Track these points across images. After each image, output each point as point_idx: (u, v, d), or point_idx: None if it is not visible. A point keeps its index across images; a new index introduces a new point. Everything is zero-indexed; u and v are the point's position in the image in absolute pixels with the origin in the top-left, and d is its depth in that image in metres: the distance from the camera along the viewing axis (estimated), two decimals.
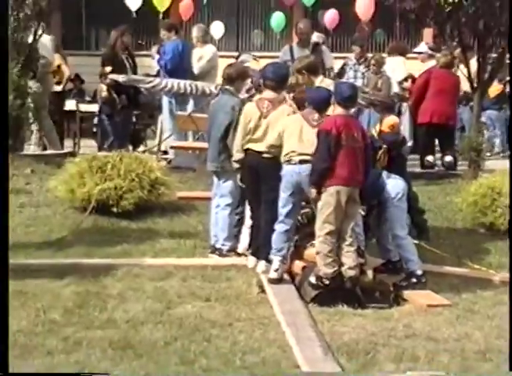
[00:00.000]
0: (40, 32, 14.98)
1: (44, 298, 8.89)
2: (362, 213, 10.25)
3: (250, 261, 10.17)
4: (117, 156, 12.37)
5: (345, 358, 7.60)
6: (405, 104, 18.48)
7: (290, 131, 9.57)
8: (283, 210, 9.59)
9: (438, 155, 16.87)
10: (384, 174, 10.12)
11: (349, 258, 9.33)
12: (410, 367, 7.47)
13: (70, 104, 19.52)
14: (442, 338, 8.27)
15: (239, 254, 10.76)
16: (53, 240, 11.12)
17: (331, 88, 10.40)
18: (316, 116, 9.59)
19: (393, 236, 10.01)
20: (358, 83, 17.18)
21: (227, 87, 11.05)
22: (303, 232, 10.11)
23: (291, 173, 9.49)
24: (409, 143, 18.58)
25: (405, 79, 18.39)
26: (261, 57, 18.79)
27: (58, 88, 18.67)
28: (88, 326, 8.15)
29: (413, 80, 18.10)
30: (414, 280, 9.84)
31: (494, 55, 15.54)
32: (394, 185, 9.97)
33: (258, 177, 9.99)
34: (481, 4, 14.47)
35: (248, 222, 10.63)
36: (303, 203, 9.93)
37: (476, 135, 15.44)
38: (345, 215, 9.33)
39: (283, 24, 24.46)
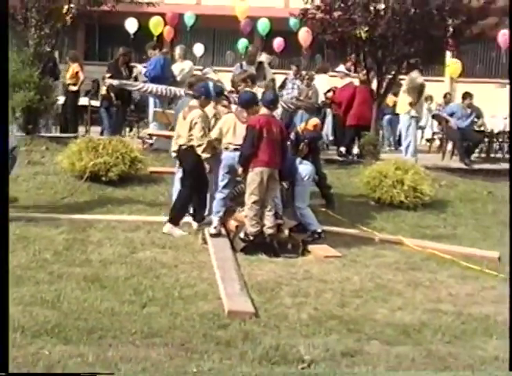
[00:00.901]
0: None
1: (41, 243, 8.76)
2: (286, 187, 10.24)
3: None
4: (107, 139, 12.27)
5: (256, 293, 7.55)
6: (328, 109, 18.39)
7: (227, 127, 9.55)
8: (221, 183, 9.64)
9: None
10: (298, 160, 10.12)
11: (268, 220, 9.32)
12: (302, 301, 7.37)
13: (83, 100, 19.21)
14: (330, 280, 8.24)
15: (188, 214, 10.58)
16: (56, 199, 10.88)
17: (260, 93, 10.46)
18: (245, 114, 9.56)
19: (296, 207, 9.98)
20: (294, 93, 17.14)
21: (189, 91, 10.97)
22: (236, 200, 10.03)
23: (227, 158, 9.56)
24: (331, 138, 18.72)
25: (328, 91, 18.24)
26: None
27: (74, 89, 18.37)
28: (70, 264, 8.05)
29: (334, 91, 17.96)
30: (316, 236, 9.80)
31: (389, 76, 15.39)
32: (303, 169, 10.00)
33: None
34: (379, 39, 14.25)
35: None
36: (238, 179, 9.83)
37: (374, 134, 15.27)
38: (267, 188, 9.30)
39: (246, 47, 24.23)
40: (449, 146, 18.56)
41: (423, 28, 14.16)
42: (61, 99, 18.46)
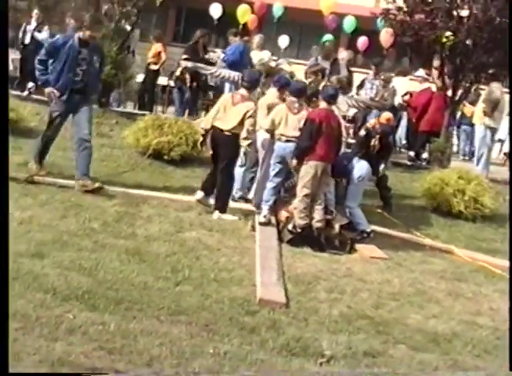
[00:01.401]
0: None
1: (93, 212, 8.89)
2: (343, 184, 10.22)
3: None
4: (173, 119, 12.38)
5: (292, 284, 7.55)
6: (404, 113, 18.20)
7: (279, 118, 9.55)
8: (272, 172, 9.64)
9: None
10: (355, 159, 10.06)
11: (318, 214, 9.31)
12: (336, 298, 7.34)
13: (162, 80, 19.38)
14: (369, 281, 8.18)
15: (247, 201, 10.63)
16: (116, 172, 11.03)
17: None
18: (297, 105, 9.57)
19: (345, 206, 9.94)
20: (372, 93, 17.04)
21: None
22: (290, 192, 10.00)
23: (279, 148, 9.53)
24: (404, 141, 18.53)
25: (405, 94, 18.04)
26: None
27: (155, 68, 18.55)
28: (116, 236, 8.15)
29: (411, 95, 17.76)
30: (365, 235, 9.79)
31: (466, 84, 15.13)
32: (359, 168, 9.94)
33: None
34: (459, 45, 14.03)
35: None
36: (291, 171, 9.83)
37: (443, 141, 15.06)
38: (319, 183, 9.28)
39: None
40: None
41: (504, 38, 13.80)
42: (140, 77, 18.73)
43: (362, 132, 11.39)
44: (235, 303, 6.60)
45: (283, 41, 24.72)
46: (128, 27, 14.22)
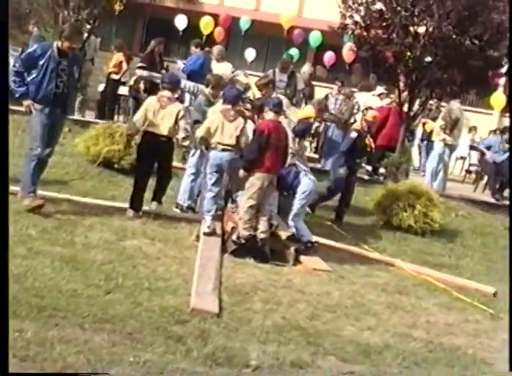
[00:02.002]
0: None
1: (32, 219, 8.75)
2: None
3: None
4: (125, 128, 12.24)
5: (228, 294, 7.47)
6: None
7: (215, 126, 9.51)
8: (209, 182, 9.59)
9: None
10: (302, 173, 10.05)
11: (262, 226, 9.27)
12: (272, 308, 7.28)
13: (122, 89, 19.27)
14: (308, 292, 8.13)
15: (194, 211, 10.58)
16: (64, 180, 10.92)
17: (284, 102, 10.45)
18: (232, 113, 9.51)
19: (290, 219, 9.96)
20: (335, 108, 17.05)
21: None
22: (237, 203, 9.97)
23: (215, 157, 9.49)
24: None
25: (365, 109, 18.08)
26: None
27: (115, 77, 18.46)
28: (53, 243, 8.04)
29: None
30: (309, 245, 9.84)
31: (422, 100, 15.22)
32: (305, 184, 9.93)
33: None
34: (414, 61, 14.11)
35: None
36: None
37: (399, 156, 15.11)
38: (264, 194, 9.24)
39: (297, 57, 24.09)
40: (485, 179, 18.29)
41: (460, 56, 13.90)
42: (101, 86, 18.64)
43: (354, 135, 11.50)
44: (165, 312, 6.51)
45: (250, 54, 24.75)
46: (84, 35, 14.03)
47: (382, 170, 16.32)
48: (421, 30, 14.49)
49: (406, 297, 8.79)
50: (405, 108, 15.49)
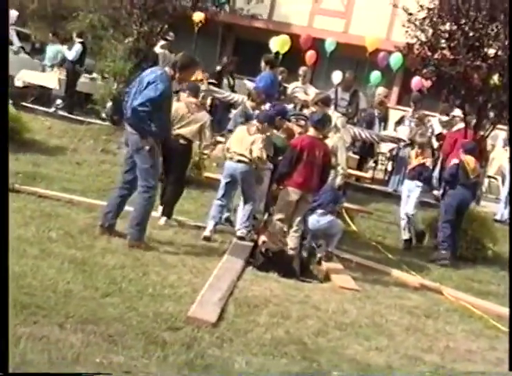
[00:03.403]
0: None
1: (59, 222, 8.88)
2: None
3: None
4: None
5: (235, 306, 7.34)
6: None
7: (235, 138, 9.47)
8: (220, 191, 9.70)
9: None
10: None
11: (292, 241, 9.17)
12: (278, 322, 7.12)
13: None
14: (324, 309, 7.92)
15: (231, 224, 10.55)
16: (108, 188, 11.00)
17: (338, 122, 10.38)
18: (254, 128, 9.47)
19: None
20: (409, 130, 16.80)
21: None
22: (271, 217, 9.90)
23: (229, 167, 9.42)
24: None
25: (439, 134, 17.79)
26: None
27: None
28: (70, 246, 8.11)
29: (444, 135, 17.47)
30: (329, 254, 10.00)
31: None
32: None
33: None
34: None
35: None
36: None
37: None
38: (296, 209, 9.13)
39: (379, 80, 23.80)
40: None
41: None
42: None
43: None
44: (160, 318, 6.43)
45: (336, 76, 24.48)
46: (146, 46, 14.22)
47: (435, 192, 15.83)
48: (489, 51, 13.98)
49: (433, 321, 8.49)
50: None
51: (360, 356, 6.76)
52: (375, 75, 23.54)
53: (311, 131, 9.40)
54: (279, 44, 22.30)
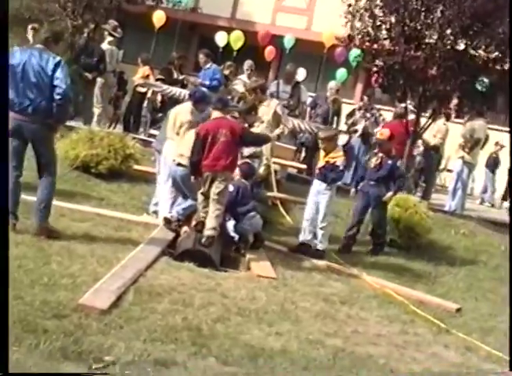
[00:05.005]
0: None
1: None
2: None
3: None
4: (105, 132, 12.18)
5: (136, 294, 7.17)
6: None
7: None
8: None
9: None
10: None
11: (210, 222, 9.09)
12: (177, 309, 6.98)
13: None
14: (232, 297, 7.77)
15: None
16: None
17: (278, 109, 10.31)
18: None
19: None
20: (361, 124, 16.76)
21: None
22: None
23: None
24: None
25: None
26: None
27: (142, 90, 18.44)
28: None
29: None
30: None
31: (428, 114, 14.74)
32: None
33: None
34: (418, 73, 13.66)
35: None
36: None
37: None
38: (210, 191, 9.12)
39: (345, 77, 23.64)
40: None
41: (466, 69, 13.37)
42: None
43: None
44: (46, 307, 6.25)
45: (300, 74, 24.30)
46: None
47: None
48: (427, 41, 13.96)
49: (348, 307, 8.38)
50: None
51: (256, 341, 6.62)
52: (340, 72, 23.42)
53: (214, 114, 9.34)
54: (232, 39, 22.24)
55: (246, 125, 10.12)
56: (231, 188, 9.45)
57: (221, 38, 22.96)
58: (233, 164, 9.28)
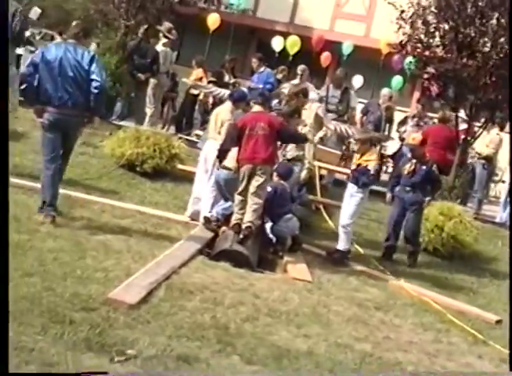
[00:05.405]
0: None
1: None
2: None
3: None
4: (153, 132, 12.26)
5: (167, 291, 7.22)
6: None
7: None
8: None
9: None
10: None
11: (247, 216, 9.13)
12: (206, 308, 7.00)
13: None
14: (263, 298, 7.75)
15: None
16: (81, 179, 10.94)
17: (319, 111, 10.31)
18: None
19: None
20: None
21: None
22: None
23: None
24: None
25: None
26: None
27: (195, 92, 18.55)
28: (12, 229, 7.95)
29: None
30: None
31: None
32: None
33: None
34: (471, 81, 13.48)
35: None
36: None
37: (452, 180, 14.42)
38: (250, 184, 9.24)
39: (400, 85, 23.52)
40: None
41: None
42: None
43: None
44: (76, 299, 6.33)
45: (357, 80, 24.24)
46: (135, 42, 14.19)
47: None
48: (481, 49, 13.78)
49: (383, 313, 8.32)
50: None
51: (283, 342, 6.61)
52: (396, 80, 23.31)
53: (255, 108, 9.50)
54: (288, 44, 22.27)
55: None
56: (269, 188, 9.43)
57: (277, 43, 23.10)
58: (272, 158, 9.28)
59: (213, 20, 22.60)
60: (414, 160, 10.97)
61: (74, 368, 5.01)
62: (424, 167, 10.95)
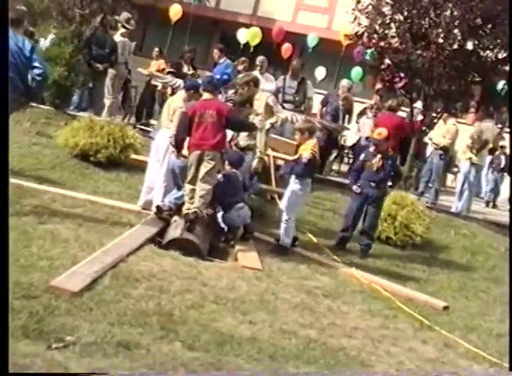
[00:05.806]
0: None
1: None
2: None
3: None
4: (106, 121, 12.19)
5: (113, 279, 7.17)
6: None
7: None
8: None
9: None
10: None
11: (196, 203, 9.14)
12: (152, 295, 6.98)
13: None
14: (212, 285, 7.75)
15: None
16: (33, 169, 10.88)
17: (269, 100, 10.31)
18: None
19: None
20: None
21: None
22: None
23: None
24: None
25: None
26: None
27: (156, 83, 18.49)
28: None
29: None
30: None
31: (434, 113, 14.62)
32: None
33: None
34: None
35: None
36: None
37: (406, 170, 14.52)
38: (198, 171, 9.27)
39: (360, 76, 23.60)
40: None
41: (472, 68, 13.28)
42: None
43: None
44: (18, 287, 6.27)
45: (320, 72, 24.27)
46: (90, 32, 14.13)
47: None
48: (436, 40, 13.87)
49: (331, 300, 8.34)
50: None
51: (227, 328, 6.62)
52: (356, 71, 23.37)
53: (204, 95, 9.50)
54: (249, 36, 22.26)
55: None
56: (220, 176, 9.43)
57: (242, 35, 23.09)
58: (220, 144, 9.28)
59: (175, 11, 22.58)
60: (380, 155, 10.89)
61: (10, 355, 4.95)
62: (390, 161, 10.95)
